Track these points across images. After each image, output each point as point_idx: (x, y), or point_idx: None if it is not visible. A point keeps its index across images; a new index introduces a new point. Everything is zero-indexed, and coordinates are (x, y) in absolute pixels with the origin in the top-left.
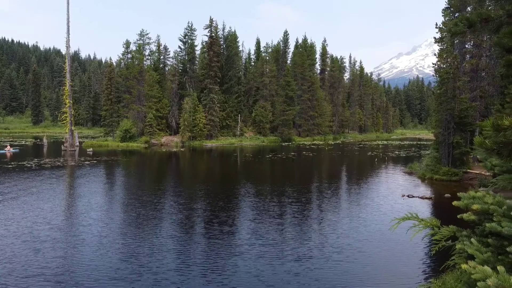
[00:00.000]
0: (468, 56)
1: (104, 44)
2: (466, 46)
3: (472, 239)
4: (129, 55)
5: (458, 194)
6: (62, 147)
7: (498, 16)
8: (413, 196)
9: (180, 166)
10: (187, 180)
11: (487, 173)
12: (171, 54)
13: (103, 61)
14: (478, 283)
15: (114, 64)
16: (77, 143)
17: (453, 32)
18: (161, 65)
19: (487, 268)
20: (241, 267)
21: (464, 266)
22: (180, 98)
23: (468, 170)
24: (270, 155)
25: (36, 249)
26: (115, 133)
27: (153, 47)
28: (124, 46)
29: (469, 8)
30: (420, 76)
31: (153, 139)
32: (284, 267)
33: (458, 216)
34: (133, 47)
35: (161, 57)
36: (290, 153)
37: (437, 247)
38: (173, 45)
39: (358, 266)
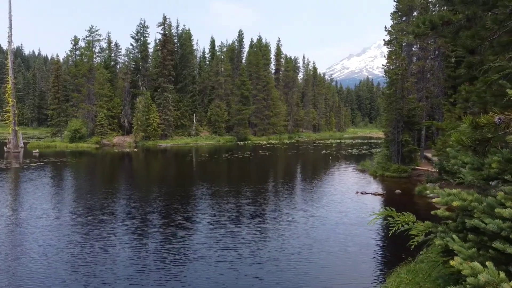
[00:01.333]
0: (415, 58)
1: (49, 40)
2: (413, 48)
3: (454, 235)
4: (78, 52)
5: (435, 191)
6: (5, 148)
7: (458, 19)
8: (366, 193)
9: (133, 167)
10: (141, 182)
11: (434, 170)
12: (123, 52)
13: (49, 58)
14: (468, 279)
15: (61, 61)
16: (22, 144)
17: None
18: (112, 63)
19: (477, 264)
20: (201, 273)
21: (452, 262)
22: (133, 97)
23: (416, 167)
24: (227, 155)
25: None
26: (63, 133)
27: (104, 44)
28: (72, 42)
29: (415, 13)
30: (370, 77)
31: (105, 139)
32: (245, 270)
33: (432, 212)
34: (82, 44)
35: (112, 54)
36: (246, 152)
37: (415, 242)
38: (125, 43)
39: (319, 266)
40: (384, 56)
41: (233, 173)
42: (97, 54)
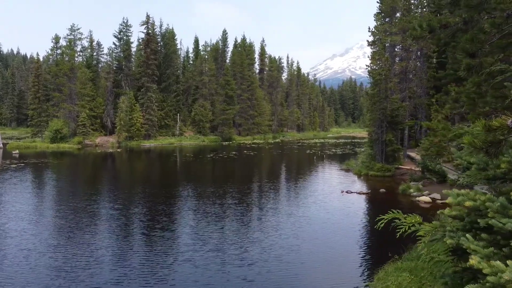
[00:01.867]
0: (397, 58)
1: (28, 39)
2: (396, 49)
3: (467, 235)
4: (59, 51)
5: (443, 191)
6: None
7: (455, 22)
8: (352, 192)
9: (116, 168)
10: (124, 183)
11: (417, 169)
12: (105, 51)
13: (28, 57)
14: (489, 278)
15: (42, 60)
16: (1, 145)
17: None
18: (94, 62)
19: (499, 263)
20: (189, 275)
21: (471, 261)
22: (116, 97)
23: (400, 166)
24: (211, 155)
25: None
26: (44, 134)
27: (85, 43)
28: (53, 41)
29: (398, 14)
30: (353, 77)
31: (87, 140)
32: (234, 272)
33: (438, 212)
34: (63, 43)
35: (94, 53)
36: (231, 152)
37: (424, 242)
38: (107, 42)
39: (308, 266)
40: (368, 57)
41: (219, 173)
42: (78, 53)
